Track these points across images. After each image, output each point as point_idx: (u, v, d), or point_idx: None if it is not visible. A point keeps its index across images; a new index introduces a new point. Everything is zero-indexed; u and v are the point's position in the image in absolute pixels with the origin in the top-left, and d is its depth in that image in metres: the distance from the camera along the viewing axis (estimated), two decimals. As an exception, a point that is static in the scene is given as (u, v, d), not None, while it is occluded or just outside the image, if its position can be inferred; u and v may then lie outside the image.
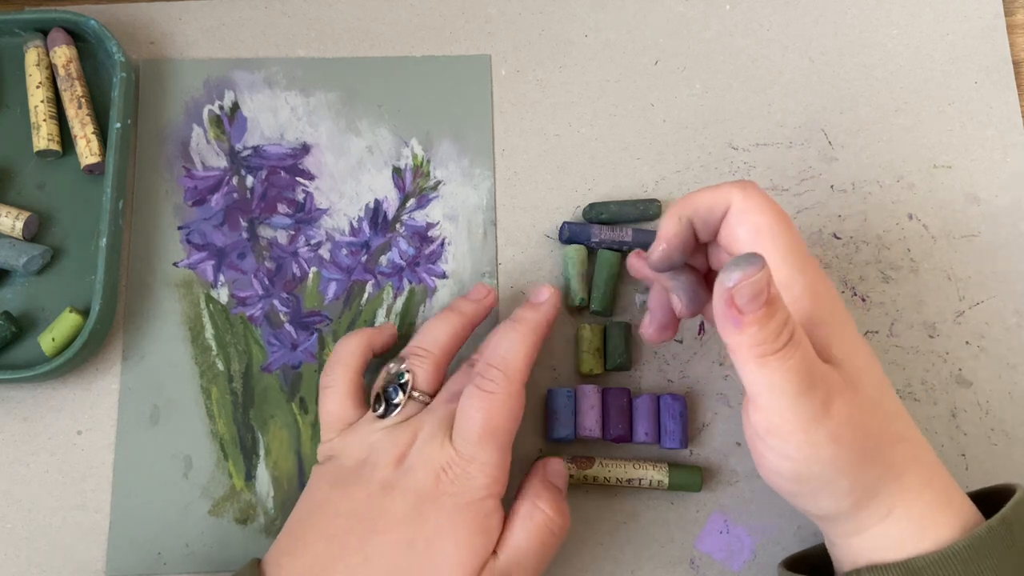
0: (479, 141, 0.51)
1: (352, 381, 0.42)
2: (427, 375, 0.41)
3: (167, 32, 0.52)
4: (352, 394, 0.42)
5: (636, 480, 0.44)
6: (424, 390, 0.41)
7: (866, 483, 0.33)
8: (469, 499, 0.37)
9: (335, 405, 0.42)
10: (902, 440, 0.35)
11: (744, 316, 0.30)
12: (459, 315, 0.43)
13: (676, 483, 0.44)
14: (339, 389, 0.42)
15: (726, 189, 0.36)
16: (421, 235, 0.49)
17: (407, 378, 0.41)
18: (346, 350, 0.43)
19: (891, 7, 0.53)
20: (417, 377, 0.41)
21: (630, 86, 0.52)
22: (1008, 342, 0.48)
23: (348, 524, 0.38)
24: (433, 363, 0.42)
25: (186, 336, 0.47)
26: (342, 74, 0.51)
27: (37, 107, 0.49)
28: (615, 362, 0.46)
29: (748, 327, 0.30)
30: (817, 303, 0.35)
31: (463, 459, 0.38)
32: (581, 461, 0.44)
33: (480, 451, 0.38)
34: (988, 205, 0.50)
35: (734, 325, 0.30)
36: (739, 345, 0.31)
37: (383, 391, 0.41)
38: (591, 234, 0.47)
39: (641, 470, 0.44)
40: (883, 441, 0.34)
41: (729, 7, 0.53)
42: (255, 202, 0.49)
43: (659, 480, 0.44)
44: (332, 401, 0.42)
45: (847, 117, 0.51)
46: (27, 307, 0.47)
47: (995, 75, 0.52)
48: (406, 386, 0.41)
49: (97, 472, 0.46)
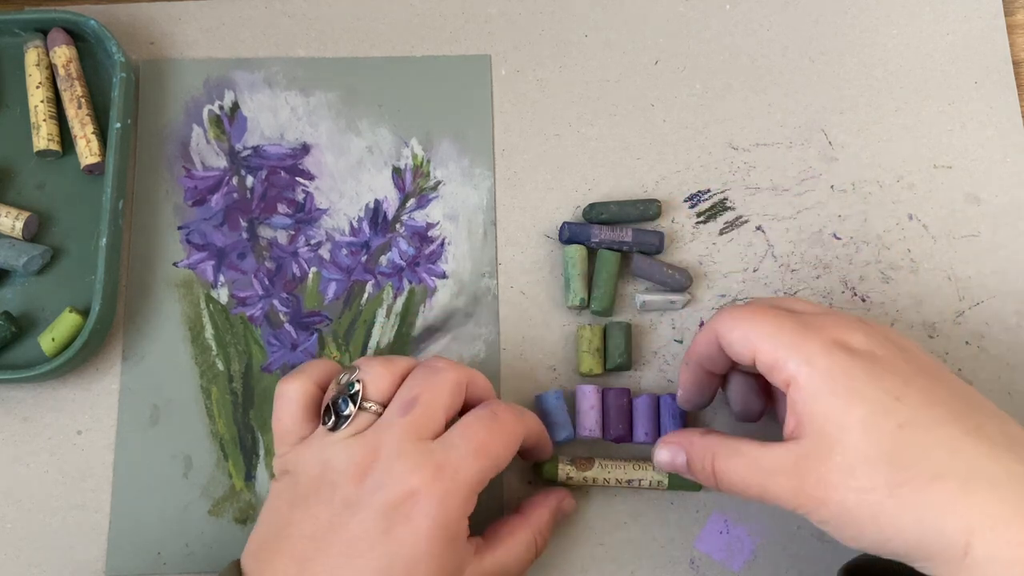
0: (479, 141, 0.51)
1: (308, 392, 0.39)
2: (380, 384, 0.39)
3: (167, 32, 0.52)
4: (308, 406, 0.39)
5: (636, 481, 0.44)
6: (376, 400, 0.38)
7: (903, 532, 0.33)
8: (446, 520, 0.35)
9: (289, 417, 0.39)
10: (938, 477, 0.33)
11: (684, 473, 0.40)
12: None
13: (676, 483, 0.44)
14: (294, 400, 0.39)
15: (709, 326, 0.39)
16: (421, 235, 0.49)
17: (357, 388, 0.38)
18: (310, 363, 0.41)
19: (891, 7, 0.53)
20: (368, 386, 0.38)
21: (630, 86, 0.52)
22: (1008, 342, 0.48)
23: (315, 547, 0.36)
24: (389, 373, 0.39)
25: (186, 336, 0.47)
26: (342, 74, 0.51)
27: (37, 107, 0.49)
28: (615, 362, 0.46)
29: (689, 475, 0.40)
30: (811, 372, 0.35)
31: (449, 467, 0.36)
32: (581, 462, 0.44)
33: (466, 465, 0.36)
34: (988, 205, 0.50)
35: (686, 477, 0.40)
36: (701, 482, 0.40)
37: (333, 402, 0.38)
38: (591, 234, 0.47)
39: (641, 471, 0.44)
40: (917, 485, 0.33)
41: (729, 7, 0.53)
42: (255, 202, 0.49)
43: (659, 480, 0.44)
44: (286, 412, 0.39)
45: (847, 117, 0.51)
46: (27, 307, 0.47)
47: (995, 75, 0.52)
48: (356, 396, 0.38)
49: (97, 472, 0.46)
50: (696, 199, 0.50)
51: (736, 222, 0.49)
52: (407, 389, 0.38)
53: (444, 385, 0.38)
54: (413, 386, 0.38)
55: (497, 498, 0.45)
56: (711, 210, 0.50)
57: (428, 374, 0.39)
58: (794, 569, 0.44)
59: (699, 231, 0.49)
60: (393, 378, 0.39)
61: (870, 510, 0.33)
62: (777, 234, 0.49)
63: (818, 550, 0.45)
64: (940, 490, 0.32)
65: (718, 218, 0.49)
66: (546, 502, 0.42)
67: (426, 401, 0.38)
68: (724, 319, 0.38)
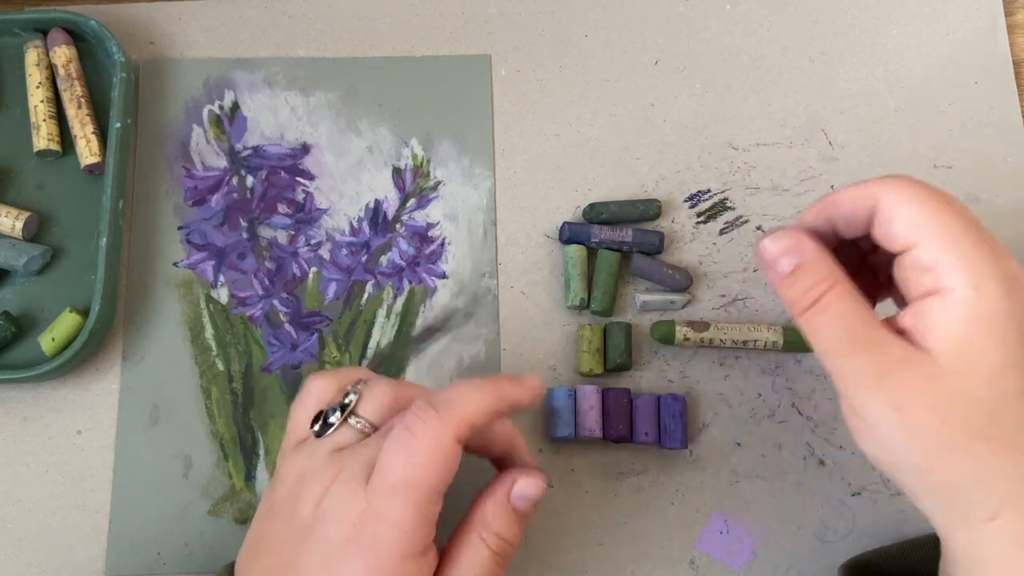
0: (479, 141, 0.51)
1: (329, 394, 0.37)
2: (377, 403, 0.36)
3: (167, 32, 0.52)
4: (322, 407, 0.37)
5: (752, 342, 0.45)
6: (367, 418, 0.35)
7: (950, 476, 0.31)
8: (383, 563, 0.32)
9: (303, 414, 0.37)
10: (1009, 447, 0.31)
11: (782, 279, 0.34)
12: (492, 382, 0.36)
13: (791, 344, 0.44)
14: (313, 397, 0.37)
15: (870, 187, 0.33)
16: (421, 235, 0.49)
17: (351, 399, 0.36)
18: (346, 369, 0.39)
19: (891, 7, 0.53)
20: (363, 401, 0.36)
21: (630, 86, 0.52)
22: (1008, 342, 0.48)
23: (280, 563, 0.34)
24: (391, 395, 0.36)
25: (186, 336, 0.47)
26: (342, 74, 0.51)
27: (37, 107, 0.49)
28: (615, 362, 0.46)
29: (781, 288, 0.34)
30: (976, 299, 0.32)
31: (373, 514, 0.32)
32: (697, 325, 0.45)
33: (391, 507, 0.32)
34: (988, 205, 0.50)
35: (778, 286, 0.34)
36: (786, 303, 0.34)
37: (327, 409, 0.36)
38: (591, 234, 0.47)
39: (757, 332, 0.45)
40: (971, 437, 0.31)
41: (729, 7, 0.53)
42: (255, 202, 0.49)
43: (774, 342, 0.45)
44: (301, 408, 0.37)
45: (847, 117, 0.51)
46: (27, 307, 0.47)
47: (995, 75, 0.52)
48: (347, 407, 0.35)
49: (97, 472, 0.46)
50: (696, 199, 0.50)
51: (736, 222, 0.49)
52: (397, 419, 0.35)
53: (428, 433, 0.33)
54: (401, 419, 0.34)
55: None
56: (711, 210, 0.50)
57: (421, 415, 0.34)
58: (794, 569, 0.44)
59: (699, 231, 0.49)
60: (393, 401, 0.36)
61: (939, 441, 0.31)
62: (777, 234, 0.49)
63: (818, 550, 0.45)
64: (1009, 459, 0.31)
65: (718, 218, 0.49)
66: (490, 493, 0.36)
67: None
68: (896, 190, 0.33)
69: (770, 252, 0.34)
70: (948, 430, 0.31)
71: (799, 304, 0.33)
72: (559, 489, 0.45)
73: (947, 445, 0.31)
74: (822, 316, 0.33)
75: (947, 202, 0.33)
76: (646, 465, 0.46)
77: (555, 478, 0.46)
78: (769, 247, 0.34)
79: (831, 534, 0.45)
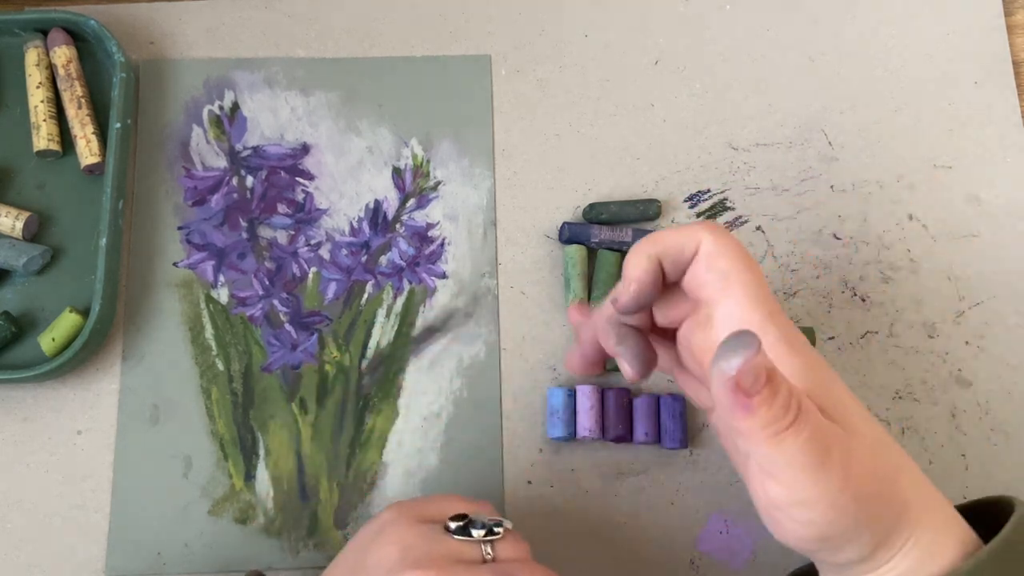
0: (479, 141, 0.51)
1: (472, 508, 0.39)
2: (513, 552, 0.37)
3: (167, 32, 0.52)
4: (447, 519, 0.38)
5: None
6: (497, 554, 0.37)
7: (887, 526, 0.33)
8: None
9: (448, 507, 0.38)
10: (901, 469, 0.34)
11: (751, 399, 0.29)
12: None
13: None
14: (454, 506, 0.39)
15: (696, 229, 0.35)
16: (421, 235, 0.49)
17: (499, 533, 0.37)
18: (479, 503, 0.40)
19: (891, 7, 0.53)
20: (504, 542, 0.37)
21: (630, 86, 0.52)
22: (1008, 342, 0.48)
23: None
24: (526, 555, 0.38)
25: (186, 336, 0.47)
26: (342, 74, 0.51)
27: (37, 107, 0.49)
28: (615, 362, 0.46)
29: (758, 409, 0.29)
30: (792, 349, 0.34)
31: None
32: None
33: None
34: (988, 205, 0.50)
35: (744, 411, 0.30)
36: (750, 429, 0.30)
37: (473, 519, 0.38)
38: (591, 234, 0.47)
39: None
40: (890, 477, 0.33)
41: (729, 7, 0.53)
42: (255, 202, 0.49)
43: None
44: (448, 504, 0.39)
45: (847, 117, 0.51)
46: (27, 307, 0.47)
47: (995, 75, 0.52)
48: (491, 533, 0.37)
49: (97, 472, 0.46)
50: (696, 199, 0.50)
51: (736, 222, 0.49)
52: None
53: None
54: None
55: (497, 501, 0.45)
56: (711, 210, 0.50)
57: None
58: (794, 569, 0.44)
59: (699, 231, 0.49)
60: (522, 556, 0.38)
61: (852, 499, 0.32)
62: (777, 234, 0.49)
63: (818, 550, 0.44)
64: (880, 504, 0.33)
65: (718, 218, 0.49)
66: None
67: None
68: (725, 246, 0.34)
69: (735, 368, 0.29)
70: (880, 486, 0.33)
71: (781, 423, 0.30)
72: (559, 489, 0.45)
73: (880, 501, 0.33)
74: (804, 432, 0.31)
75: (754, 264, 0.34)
76: (646, 465, 0.46)
77: (555, 478, 0.46)
78: (734, 362, 0.29)
79: (831, 534, 0.45)
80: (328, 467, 0.46)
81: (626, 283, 0.35)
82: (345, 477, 0.46)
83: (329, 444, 0.46)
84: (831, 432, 0.32)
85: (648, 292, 0.35)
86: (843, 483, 0.31)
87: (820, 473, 0.31)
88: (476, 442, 0.46)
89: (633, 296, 0.35)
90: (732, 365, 0.29)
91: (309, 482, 0.46)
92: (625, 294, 0.35)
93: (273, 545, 0.45)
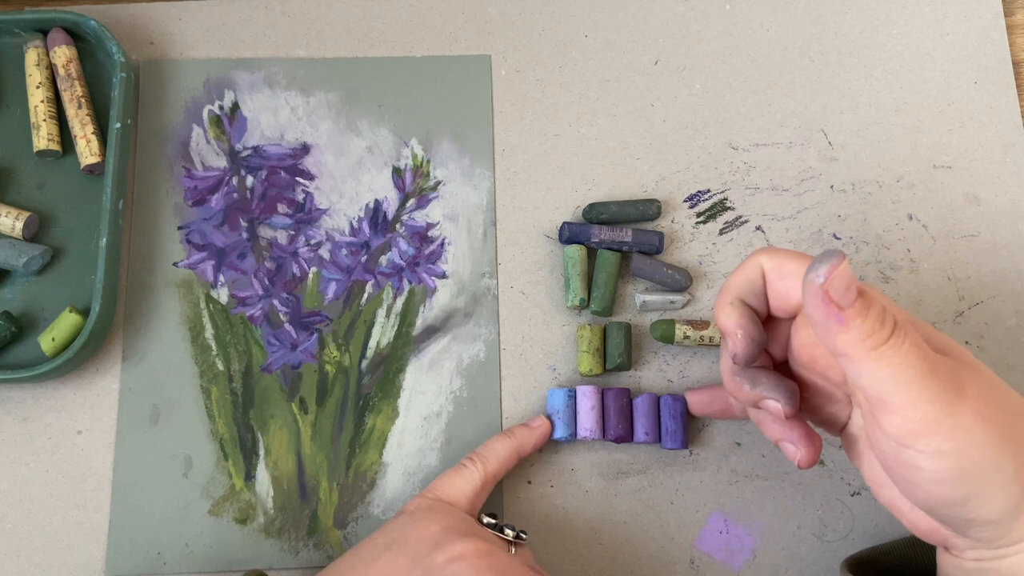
0: (479, 141, 0.51)
1: (490, 483, 0.43)
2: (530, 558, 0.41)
3: (167, 32, 0.52)
4: (480, 494, 0.43)
5: None
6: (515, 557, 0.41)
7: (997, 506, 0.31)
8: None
9: (469, 488, 0.42)
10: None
11: (844, 311, 0.29)
12: (512, 438, 0.44)
13: None
14: (479, 480, 0.43)
15: (751, 258, 0.35)
16: (421, 235, 0.49)
17: (525, 538, 0.41)
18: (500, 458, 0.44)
19: (891, 7, 0.53)
20: (525, 550, 0.41)
21: (630, 86, 0.52)
22: (1008, 342, 0.48)
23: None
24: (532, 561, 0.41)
25: (186, 336, 0.47)
26: (342, 74, 0.51)
27: (37, 107, 0.49)
28: (615, 362, 0.46)
29: (852, 320, 0.29)
30: (891, 305, 0.33)
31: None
32: (697, 323, 0.45)
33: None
34: (988, 205, 0.50)
35: (838, 323, 0.30)
36: (849, 344, 0.30)
37: (500, 522, 0.42)
38: (591, 234, 0.47)
39: None
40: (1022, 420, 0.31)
41: (729, 7, 0.53)
42: (255, 202, 0.49)
43: None
44: (468, 485, 0.42)
45: (847, 117, 0.51)
46: (27, 307, 0.47)
47: (995, 75, 0.52)
48: (519, 537, 0.41)
49: (97, 472, 0.46)
50: (696, 199, 0.50)
51: (736, 222, 0.49)
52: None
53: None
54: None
55: (497, 501, 0.45)
56: (711, 210, 0.50)
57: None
58: (794, 569, 0.44)
59: (699, 231, 0.49)
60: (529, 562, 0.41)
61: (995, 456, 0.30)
62: (777, 234, 0.49)
63: (818, 550, 0.45)
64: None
65: (718, 218, 0.49)
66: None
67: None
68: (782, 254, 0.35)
69: (824, 277, 0.30)
70: (1012, 419, 0.31)
71: (880, 334, 0.30)
72: (559, 489, 0.45)
73: (1012, 434, 0.30)
74: (905, 343, 0.30)
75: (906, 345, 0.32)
76: (646, 465, 0.46)
77: (555, 478, 0.46)
78: (821, 272, 0.30)
79: (831, 533, 0.45)
80: (328, 467, 0.46)
81: (731, 336, 0.36)
82: (345, 477, 0.46)
83: (329, 444, 0.46)
84: (937, 357, 0.31)
85: (755, 332, 0.36)
86: (960, 399, 0.30)
87: (930, 383, 0.30)
88: (476, 442, 0.46)
89: (744, 342, 0.35)
90: (820, 273, 0.29)
91: (309, 482, 0.46)
92: (736, 344, 0.36)
93: (273, 545, 0.45)
